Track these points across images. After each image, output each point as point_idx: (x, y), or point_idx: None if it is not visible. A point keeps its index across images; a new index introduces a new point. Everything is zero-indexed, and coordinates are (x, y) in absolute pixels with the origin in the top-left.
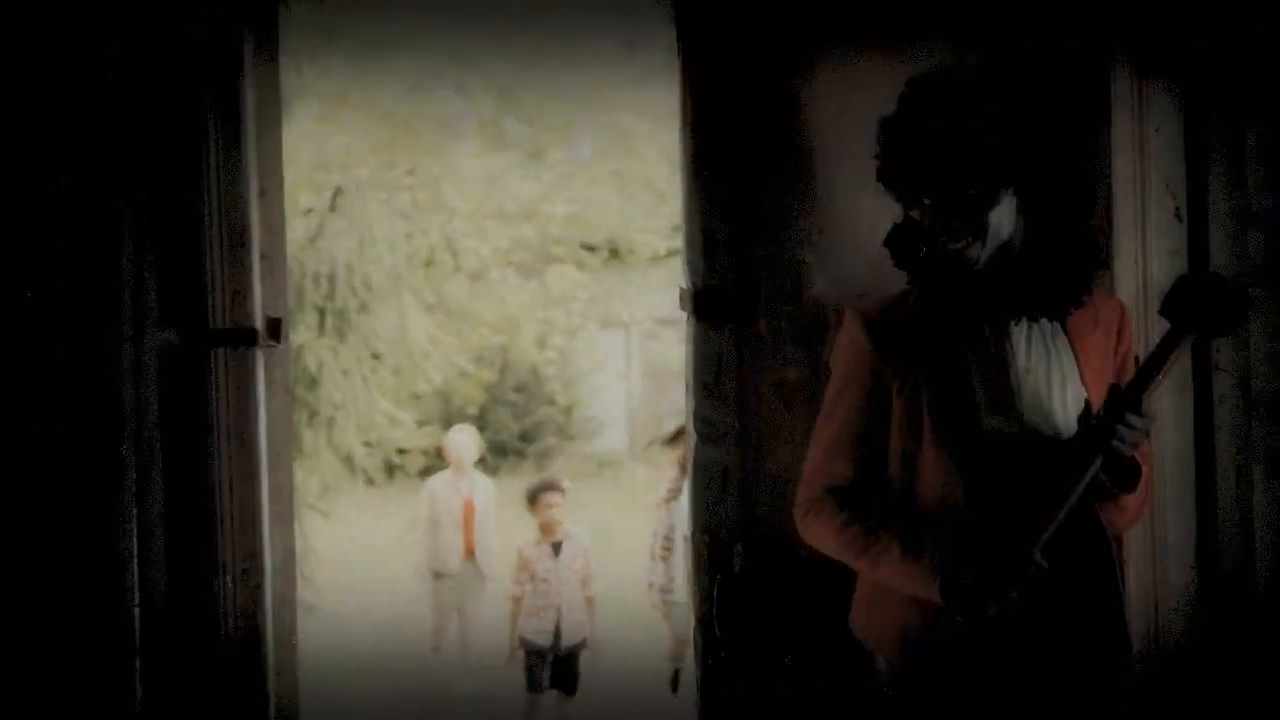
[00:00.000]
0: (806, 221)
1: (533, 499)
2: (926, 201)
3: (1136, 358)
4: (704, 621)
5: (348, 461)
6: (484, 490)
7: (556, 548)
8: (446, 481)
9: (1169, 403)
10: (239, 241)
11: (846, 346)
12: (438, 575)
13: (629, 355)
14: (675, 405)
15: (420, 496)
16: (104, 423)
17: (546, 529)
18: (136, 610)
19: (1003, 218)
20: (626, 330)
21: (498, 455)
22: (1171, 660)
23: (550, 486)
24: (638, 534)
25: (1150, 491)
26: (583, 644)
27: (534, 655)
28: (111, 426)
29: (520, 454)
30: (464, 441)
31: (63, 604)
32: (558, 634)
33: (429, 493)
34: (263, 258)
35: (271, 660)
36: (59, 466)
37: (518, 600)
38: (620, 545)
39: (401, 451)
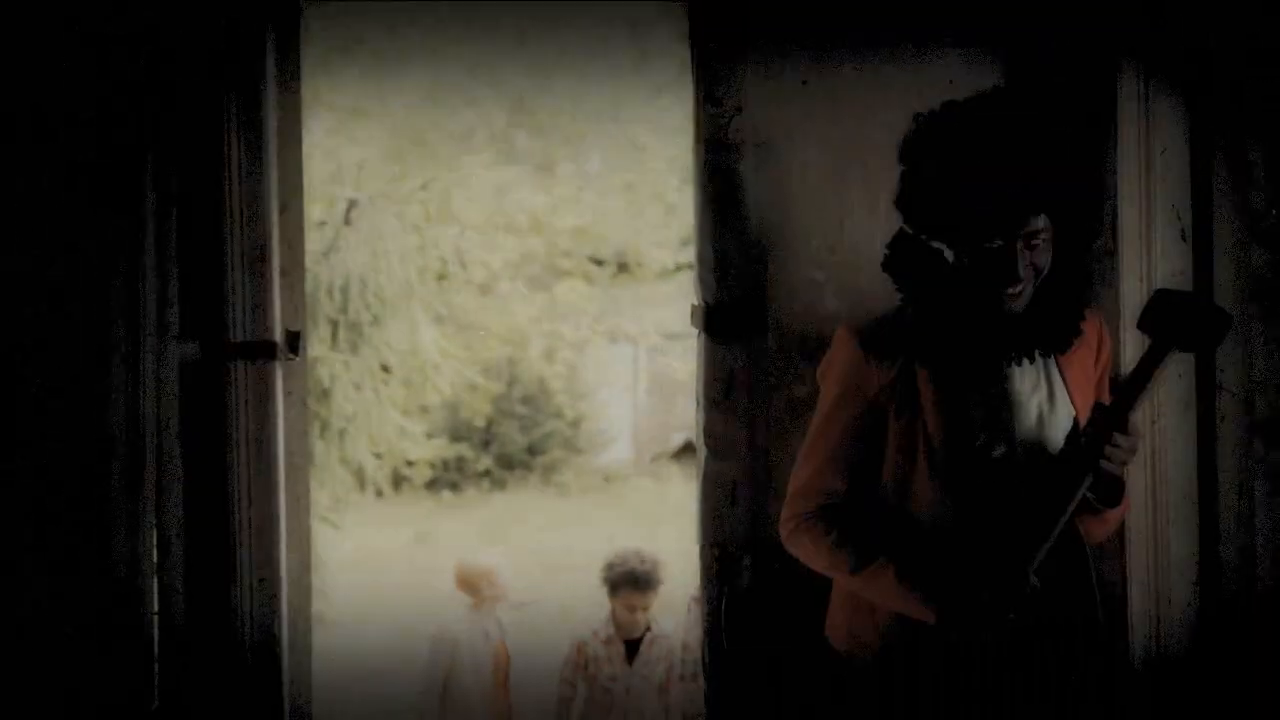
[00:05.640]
0: (818, 239)
1: (613, 589)
2: (995, 244)
3: (1114, 378)
4: (711, 635)
5: (359, 474)
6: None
7: (631, 648)
8: (468, 621)
9: (1172, 421)
10: (260, 255)
11: (840, 364)
12: None
13: (636, 369)
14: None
15: (431, 643)
16: (125, 434)
17: (622, 627)
18: (155, 618)
19: (1049, 257)
20: (634, 344)
21: (504, 468)
22: (1174, 676)
23: (641, 584)
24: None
25: (1127, 503)
26: None
27: None
28: (132, 438)
29: (527, 467)
30: (488, 566)
31: (82, 614)
32: None
33: (446, 638)
34: (283, 273)
35: (287, 670)
36: (80, 477)
37: (566, 702)
38: None
39: (410, 463)
